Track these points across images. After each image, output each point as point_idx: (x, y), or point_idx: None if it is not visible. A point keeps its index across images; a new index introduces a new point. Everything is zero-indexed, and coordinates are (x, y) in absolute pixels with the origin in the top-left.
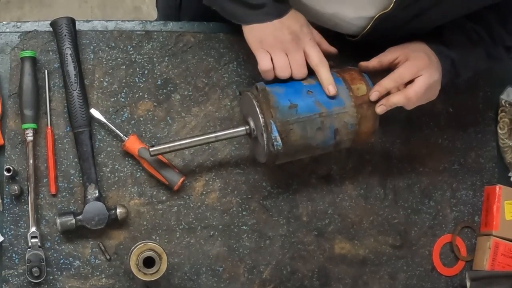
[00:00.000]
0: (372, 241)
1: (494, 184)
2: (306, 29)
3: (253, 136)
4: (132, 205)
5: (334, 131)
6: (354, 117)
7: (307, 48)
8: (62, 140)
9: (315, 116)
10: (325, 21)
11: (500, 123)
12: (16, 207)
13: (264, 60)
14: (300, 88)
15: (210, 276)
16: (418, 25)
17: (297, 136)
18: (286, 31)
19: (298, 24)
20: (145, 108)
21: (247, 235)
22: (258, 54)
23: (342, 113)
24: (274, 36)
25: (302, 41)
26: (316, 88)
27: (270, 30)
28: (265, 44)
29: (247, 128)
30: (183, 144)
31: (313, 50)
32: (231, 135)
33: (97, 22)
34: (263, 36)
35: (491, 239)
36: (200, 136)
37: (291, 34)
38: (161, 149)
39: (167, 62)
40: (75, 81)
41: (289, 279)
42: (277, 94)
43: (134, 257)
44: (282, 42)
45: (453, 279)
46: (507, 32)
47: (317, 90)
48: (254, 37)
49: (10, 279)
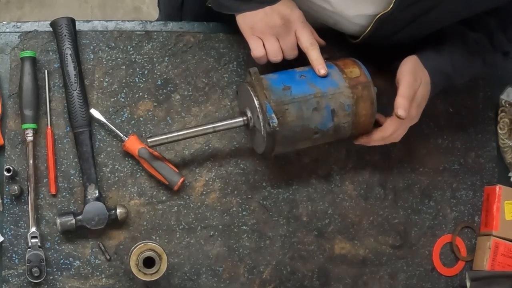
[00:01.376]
0: (372, 241)
1: (494, 184)
2: (297, 13)
3: (250, 127)
4: (132, 205)
5: (331, 111)
6: (350, 97)
7: (298, 30)
8: (62, 140)
9: (310, 97)
10: (326, 19)
11: (500, 123)
12: (16, 207)
13: (256, 47)
14: (293, 73)
15: (210, 276)
16: (419, 28)
17: (293, 117)
18: (276, 16)
19: (289, 8)
20: (145, 108)
21: (247, 235)
22: (250, 41)
23: (337, 93)
24: (265, 22)
25: (293, 24)
26: (309, 73)
27: (261, 16)
28: (256, 31)
29: (244, 119)
30: (181, 135)
31: (304, 32)
32: (229, 126)
33: (97, 22)
34: (254, 23)
35: (491, 239)
36: (198, 127)
37: (282, 18)
38: (159, 140)
39: (167, 62)
40: (75, 81)
41: (289, 279)
42: (271, 79)
43: (134, 257)
44: (272, 27)
45: (453, 279)
46: (507, 39)
47: (310, 74)
48: (246, 23)
49: (10, 279)
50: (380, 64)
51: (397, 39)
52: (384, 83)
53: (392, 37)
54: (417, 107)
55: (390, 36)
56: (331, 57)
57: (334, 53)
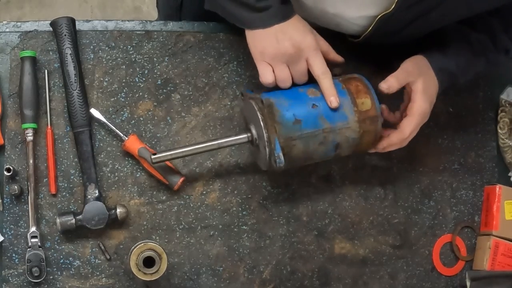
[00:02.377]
0: (372, 241)
1: (494, 184)
2: (309, 39)
3: (254, 144)
4: (132, 205)
5: (336, 145)
6: (356, 132)
7: (310, 58)
8: (62, 140)
9: (318, 132)
10: (328, 21)
11: (500, 123)
12: (16, 207)
13: (265, 73)
14: (305, 101)
15: (210, 276)
16: (420, 27)
17: (299, 151)
18: (287, 43)
19: (301, 34)
20: (145, 108)
21: (247, 235)
22: (259, 66)
23: (345, 128)
24: (276, 48)
25: (304, 52)
26: (321, 101)
27: (272, 41)
28: (267, 56)
29: (249, 136)
30: (185, 152)
31: (316, 60)
32: (233, 143)
33: (97, 22)
34: (265, 48)
35: (491, 239)
36: (202, 144)
37: (293, 46)
38: (163, 157)
39: (167, 62)
40: (75, 81)
41: (289, 279)
42: (282, 107)
43: (134, 257)
44: (283, 54)
45: (453, 279)
46: (509, 38)
47: (321, 104)
48: (256, 47)
49: (10, 279)
50: (380, 64)
51: (398, 38)
52: None
53: (393, 36)
54: (430, 105)
55: (391, 35)
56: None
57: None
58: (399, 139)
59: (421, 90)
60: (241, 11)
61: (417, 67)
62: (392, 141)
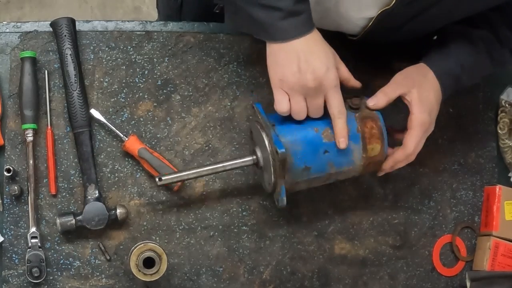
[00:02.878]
0: (372, 242)
1: (494, 184)
2: (331, 74)
3: (259, 166)
4: (132, 205)
5: (335, 180)
6: (359, 172)
7: (329, 95)
8: (62, 140)
9: (323, 175)
10: (329, 22)
11: (500, 123)
12: (16, 207)
13: (281, 102)
14: (318, 147)
15: (210, 277)
16: (421, 24)
17: (301, 187)
18: (310, 76)
19: (324, 66)
20: (145, 109)
21: (247, 235)
22: (276, 94)
23: (349, 170)
24: (297, 79)
25: (325, 87)
26: (333, 148)
27: (294, 71)
28: (285, 85)
29: (254, 158)
30: (191, 174)
31: (334, 99)
32: (238, 165)
33: (97, 22)
34: (285, 76)
35: (491, 239)
36: (208, 167)
37: (315, 80)
38: (169, 179)
39: (167, 63)
40: (75, 81)
41: (289, 279)
42: (295, 155)
43: (134, 258)
44: (303, 86)
45: (453, 279)
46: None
47: (333, 151)
48: (276, 73)
49: (10, 279)
50: (380, 64)
51: (399, 36)
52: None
53: (394, 33)
54: (429, 114)
55: (391, 32)
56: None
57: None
58: (404, 156)
59: (417, 100)
60: (271, 17)
61: (410, 77)
62: (397, 158)
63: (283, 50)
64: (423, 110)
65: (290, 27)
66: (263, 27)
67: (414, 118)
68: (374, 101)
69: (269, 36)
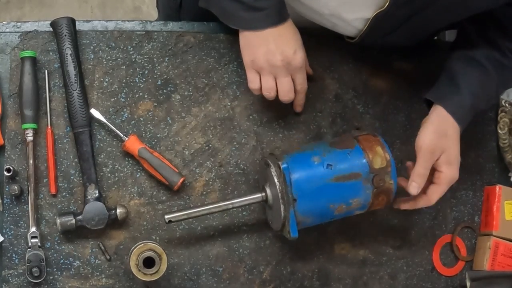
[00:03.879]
0: (372, 242)
1: (494, 184)
2: (298, 55)
3: (268, 203)
4: (132, 205)
5: None
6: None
7: (295, 73)
8: (62, 140)
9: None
10: (324, 22)
11: (500, 123)
12: (16, 207)
13: (253, 81)
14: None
15: (210, 276)
16: (417, 25)
17: None
18: (278, 56)
19: (292, 49)
20: (145, 108)
21: (247, 235)
22: (248, 73)
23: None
24: (266, 59)
25: (292, 67)
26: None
27: (263, 52)
28: (256, 65)
29: (263, 195)
30: (198, 212)
31: (299, 77)
32: (246, 202)
33: (97, 22)
34: (255, 56)
35: (491, 239)
36: (216, 204)
37: (283, 60)
38: (177, 217)
39: (167, 62)
40: (75, 81)
41: (289, 279)
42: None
43: (134, 257)
44: (272, 66)
45: (453, 279)
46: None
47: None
48: (248, 55)
49: (10, 279)
50: (380, 64)
51: (395, 38)
52: (384, 83)
53: (390, 36)
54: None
55: (387, 34)
56: None
57: (333, 53)
58: (425, 205)
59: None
60: (238, 9)
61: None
62: (418, 205)
63: (254, 35)
64: (452, 168)
65: (253, 19)
66: (230, 17)
67: (443, 176)
68: (415, 189)
69: (237, 25)
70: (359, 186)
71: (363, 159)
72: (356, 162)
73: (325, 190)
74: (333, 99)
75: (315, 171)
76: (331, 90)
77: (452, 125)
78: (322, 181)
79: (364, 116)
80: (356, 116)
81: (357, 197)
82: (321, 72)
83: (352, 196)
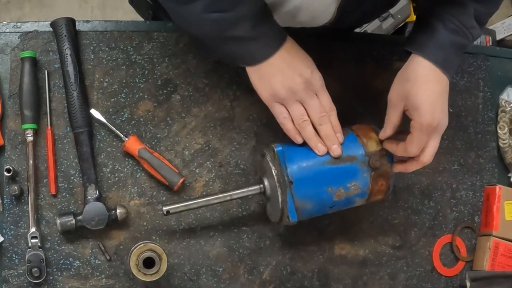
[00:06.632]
0: (372, 242)
1: (494, 184)
2: (317, 74)
3: (267, 195)
4: (132, 205)
5: None
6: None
7: (319, 94)
8: (62, 140)
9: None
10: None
11: (500, 123)
12: (16, 208)
13: (281, 115)
14: (327, 203)
15: (210, 277)
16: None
17: None
18: (298, 80)
19: (309, 68)
20: (145, 109)
21: (247, 235)
22: (273, 109)
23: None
24: (287, 87)
25: (314, 87)
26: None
27: (280, 80)
28: (277, 97)
29: (261, 187)
30: (197, 204)
31: (324, 98)
32: (245, 194)
33: (97, 22)
34: (273, 88)
35: (491, 239)
36: (215, 195)
37: (304, 82)
38: (175, 208)
39: (167, 63)
40: (75, 81)
41: (289, 279)
42: (303, 210)
43: (134, 258)
44: (295, 92)
45: (453, 279)
46: None
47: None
48: (265, 89)
49: (10, 279)
50: (380, 64)
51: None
52: (384, 83)
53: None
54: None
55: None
56: None
57: (333, 53)
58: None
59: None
60: (238, 47)
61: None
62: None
63: (265, 66)
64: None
65: (258, 49)
66: (236, 57)
67: (412, 123)
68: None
69: (246, 61)
70: (356, 169)
71: (357, 142)
72: (350, 145)
73: (321, 173)
74: (333, 99)
75: (310, 154)
76: (331, 90)
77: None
78: (317, 163)
79: (364, 116)
80: (356, 116)
81: (354, 180)
82: (321, 72)
83: (349, 178)
